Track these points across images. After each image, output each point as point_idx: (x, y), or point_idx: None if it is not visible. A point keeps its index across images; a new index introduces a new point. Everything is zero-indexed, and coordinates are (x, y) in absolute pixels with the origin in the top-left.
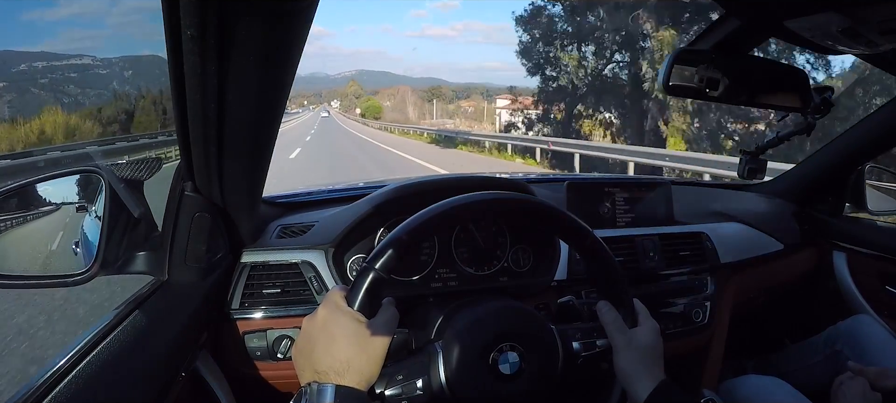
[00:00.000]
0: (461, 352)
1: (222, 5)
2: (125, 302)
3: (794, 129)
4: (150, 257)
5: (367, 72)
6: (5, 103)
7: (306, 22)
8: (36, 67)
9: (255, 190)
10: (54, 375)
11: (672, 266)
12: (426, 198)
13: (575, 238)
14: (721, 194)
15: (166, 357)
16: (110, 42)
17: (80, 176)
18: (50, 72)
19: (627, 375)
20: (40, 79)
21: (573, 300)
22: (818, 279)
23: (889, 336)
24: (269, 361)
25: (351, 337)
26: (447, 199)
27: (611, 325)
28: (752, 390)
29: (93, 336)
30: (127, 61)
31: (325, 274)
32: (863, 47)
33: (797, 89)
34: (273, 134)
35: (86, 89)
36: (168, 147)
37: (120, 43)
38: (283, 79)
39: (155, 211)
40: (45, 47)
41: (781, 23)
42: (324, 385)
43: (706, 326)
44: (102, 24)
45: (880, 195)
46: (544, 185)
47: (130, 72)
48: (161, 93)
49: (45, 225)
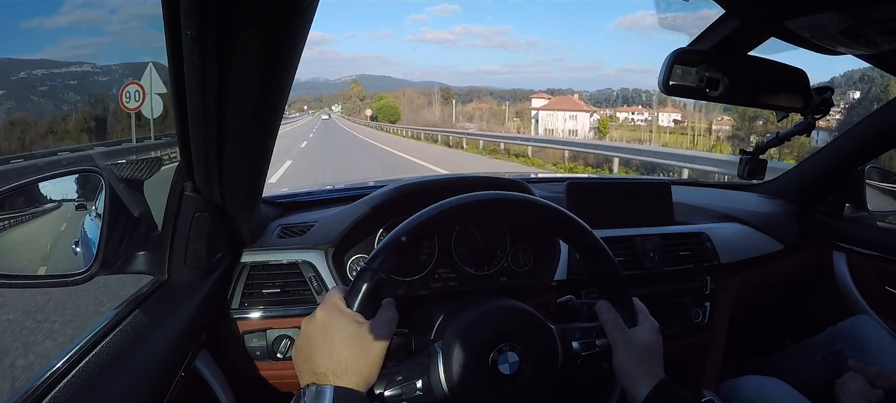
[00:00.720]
0: (461, 352)
1: (222, 6)
2: (125, 301)
3: (794, 129)
4: (150, 257)
5: (367, 76)
6: (4, 110)
7: (306, 23)
8: (35, 75)
9: (255, 190)
10: (54, 375)
11: (672, 266)
12: (426, 197)
13: (575, 238)
14: (721, 194)
15: (166, 356)
16: (110, 49)
17: (79, 175)
18: (49, 79)
19: (627, 374)
20: (40, 87)
21: (573, 300)
22: (818, 279)
23: (889, 336)
24: (268, 361)
25: (350, 339)
26: (447, 199)
27: (610, 325)
28: (752, 390)
29: (93, 336)
30: (127, 68)
31: (324, 274)
32: (863, 47)
33: (797, 89)
34: (273, 134)
35: (86, 96)
36: (168, 148)
37: (120, 50)
38: (283, 80)
39: (155, 211)
40: (45, 55)
41: (781, 23)
42: (323, 387)
43: (706, 326)
44: (102, 32)
45: (880, 195)
46: (544, 185)
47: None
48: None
49: (46, 225)
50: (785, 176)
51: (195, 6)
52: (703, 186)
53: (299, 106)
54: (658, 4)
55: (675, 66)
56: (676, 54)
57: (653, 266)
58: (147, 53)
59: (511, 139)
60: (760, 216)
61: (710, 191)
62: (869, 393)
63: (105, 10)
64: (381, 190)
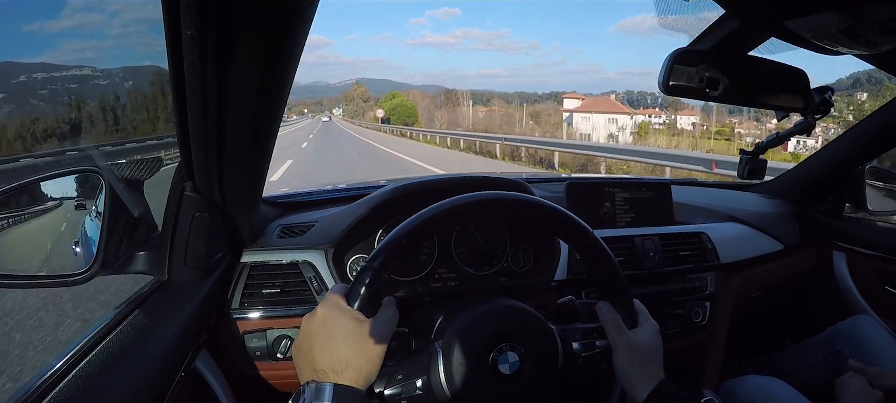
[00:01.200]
0: (461, 352)
1: (222, 6)
2: (125, 301)
3: (794, 129)
4: (150, 257)
5: (368, 79)
6: (3, 114)
7: (306, 22)
8: (36, 78)
9: (255, 190)
10: (54, 375)
11: (672, 266)
12: (426, 197)
13: (575, 238)
14: (721, 194)
15: (166, 356)
16: (111, 53)
17: (79, 175)
18: (49, 83)
19: (626, 375)
20: (40, 90)
21: (573, 300)
22: (818, 279)
23: (889, 336)
24: (268, 361)
25: (350, 336)
26: (447, 199)
27: (611, 326)
28: (752, 390)
29: (93, 336)
30: (127, 72)
31: (324, 274)
32: (863, 47)
33: (797, 89)
34: (273, 134)
35: (85, 100)
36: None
37: (120, 54)
38: (283, 80)
39: (155, 211)
40: (46, 58)
41: (781, 23)
42: (322, 384)
43: (706, 326)
44: (103, 35)
45: (880, 195)
46: (544, 185)
47: (130, 82)
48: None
49: (46, 225)
50: (785, 176)
51: (195, 6)
52: (703, 186)
53: (299, 109)
54: (658, 5)
55: (676, 66)
56: (676, 54)
57: (653, 266)
58: (147, 57)
59: (602, 151)
60: (760, 216)
61: (710, 191)
62: (869, 393)
63: (106, 14)
64: (381, 190)
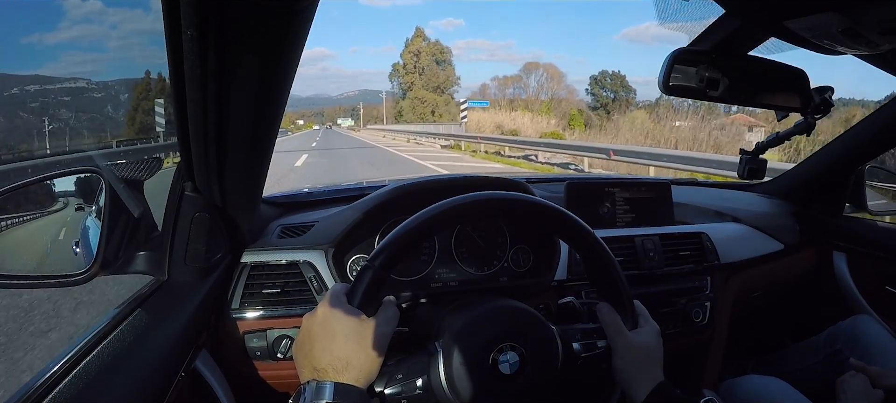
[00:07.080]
0: (461, 352)
1: (222, 6)
2: (125, 301)
3: (794, 129)
4: (150, 257)
5: (371, 91)
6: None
7: (306, 22)
8: (28, 91)
9: (255, 190)
10: (54, 375)
11: (672, 266)
12: (426, 197)
13: (575, 238)
14: (721, 194)
15: (166, 356)
16: (109, 65)
17: (79, 176)
18: (42, 95)
19: (626, 376)
20: (31, 103)
21: (573, 300)
22: (818, 279)
23: (889, 336)
24: (269, 361)
25: (350, 335)
26: (448, 199)
27: (611, 327)
28: (752, 390)
29: (93, 336)
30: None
31: (325, 274)
32: (863, 47)
33: (797, 89)
34: (273, 133)
35: (78, 113)
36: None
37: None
38: (283, 79)
39: (155, 211)
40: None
41: (781, 23)
42: (323, 383)
43: (706, 326)
44: (102, 48)
45: (880, 195)
46: (544, 185)
47: (126, 95)
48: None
49: (46, 225)
50: (785, 176)
51: (195, 7)
52: (703, 186)
53: (294, 119)
54: (658, 5)
55: (676, 66)
56: (676, 54)
57: (653, 266)
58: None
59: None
60: (760, 216)
61: (710, 191)
62: (870, 393)
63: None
64: (381, 190)
